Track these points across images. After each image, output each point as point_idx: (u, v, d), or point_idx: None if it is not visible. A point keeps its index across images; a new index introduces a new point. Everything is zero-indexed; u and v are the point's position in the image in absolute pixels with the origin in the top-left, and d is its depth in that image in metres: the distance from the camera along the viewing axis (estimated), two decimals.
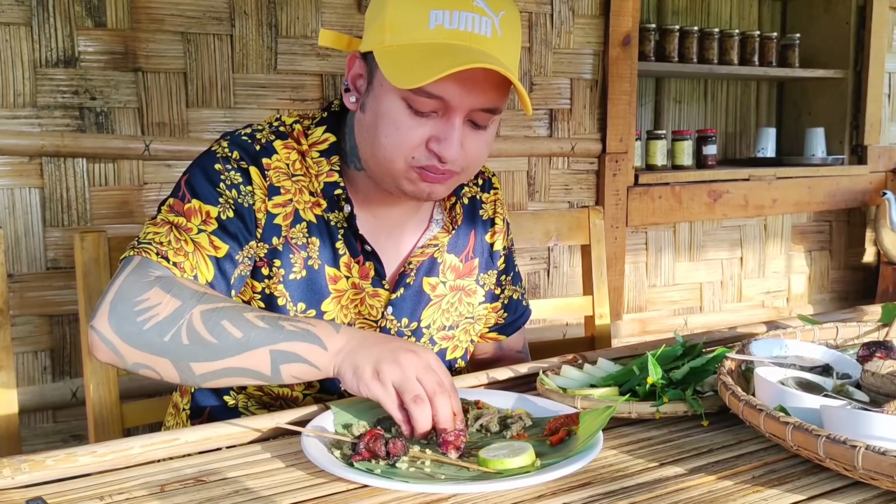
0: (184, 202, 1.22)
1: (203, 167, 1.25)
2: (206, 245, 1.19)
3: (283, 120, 1.34)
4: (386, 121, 1.19)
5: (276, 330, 1.08)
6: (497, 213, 1.51)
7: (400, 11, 1.17)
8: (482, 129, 1.23)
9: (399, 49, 1.16)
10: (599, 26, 3.10)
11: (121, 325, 1.09)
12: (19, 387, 2.13)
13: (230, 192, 1.23)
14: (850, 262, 4.08)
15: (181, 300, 1.09)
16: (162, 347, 1.08)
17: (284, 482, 0.97)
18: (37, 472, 0.97)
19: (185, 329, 1.08)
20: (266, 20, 2.47)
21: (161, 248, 1.16)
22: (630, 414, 1.15)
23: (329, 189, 1.29)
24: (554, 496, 0.94)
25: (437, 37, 1.15)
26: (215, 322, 1.08)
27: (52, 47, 2.19)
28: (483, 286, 1.48)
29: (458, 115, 1.18)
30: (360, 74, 1.25)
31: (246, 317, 1.09)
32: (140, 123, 2.32)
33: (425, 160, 1.20)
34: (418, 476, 0.97)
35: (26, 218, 2.19)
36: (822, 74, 3.84)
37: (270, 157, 1.28)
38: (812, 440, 0.92)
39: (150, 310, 1.09)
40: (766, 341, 1.28)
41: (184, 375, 1.10)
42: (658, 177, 3.34)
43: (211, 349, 1.08)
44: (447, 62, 1.11)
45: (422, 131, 1.19)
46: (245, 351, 1.07)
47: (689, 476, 1.00)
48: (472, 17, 1.16)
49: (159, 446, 1.04)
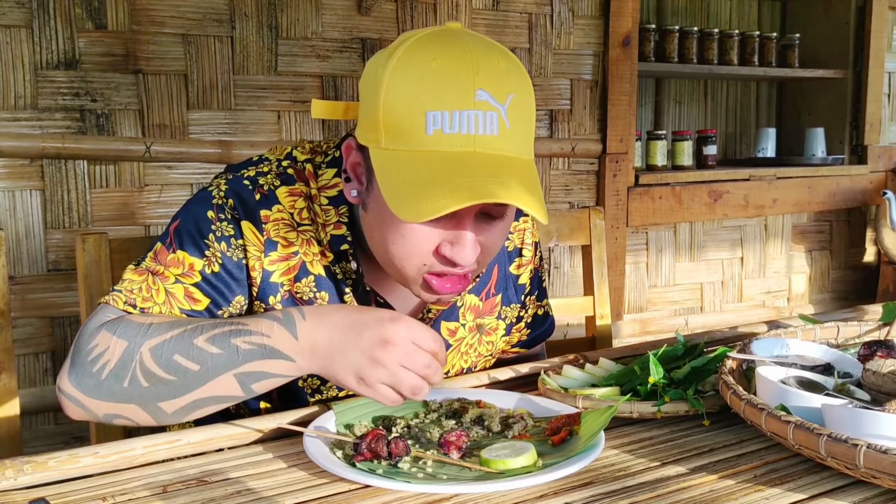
0: (168, 251, 1.15)
1: (194, 214, 1.17)
2: (180, 297, 1.13)
3: (294, 156, 1.23)
4: (392, 229, 1.07)
5: (231, 353, 1.03)
6: (525, 242, 1.40)
7: (393, 111, 1.02)
8: (498, 220, 1.10)
9: (395, 159, 1.03)
10: (599, 27, 3.11)
11: (80, 380, 1.05)
12: (21, 389, 2.13)
13: (218, 245, 1.15)
14: (851, 262, 4.08)
15: (127, 339, 1.04)
16: (125, 394, 1.04)
17: (287, 482, 0.97)
18: (39, 473, 0.97)
19: (139, 371, 1.03)
20: (266, 22, 2.47)
21: (130, 296, 1.11)
22: (631, 413, 1.15)
23: (336, 242, 1.19)
24: (556, 496, 0.94)
25: (436, 144, 1.00)
26: (167, 358, 1.03)
27: (52, 49, 2.19)
28: (504, 320, 1.38)
29: (469, 218, 1.06)
30: (360, 163, 1.12)
31: (196, 344, 1.03)
32: (141, 125, 2.32)
33: (439, 267, 1.09)
34: (420, 476, 0.97)
35: (27, 220, 2.20)
36: (821, 74, 3.84)
37: (271, 208, 1.18)
38: (814, 439, 0.92)
39: (101, 357, 1.04)
40: (768, 341, 1.28)
41: (157, 416, 1.06)
42: (658, 177, 3.34)
43: (172, 386, 1.03)
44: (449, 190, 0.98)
45: (430, 237, 1.06)
46: (208, 381, 1.03)
47: (691, 475, 1.00)
48: (474, 117, 1.00)
49: (161, 447, 1.04)
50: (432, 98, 1.00)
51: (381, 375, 1.00)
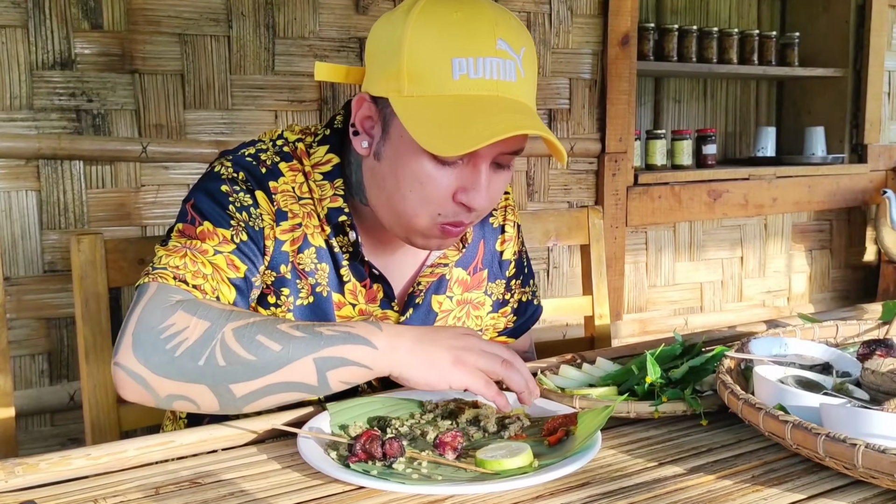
0: (195, 226, 1.15)
1: (208, 190, 1.18)
2: (224, 266, 1.14)
3: (285, 137, 1.27)
4: (409, 175, 1.13)
5: (316, 337, 1.04)
6: (507, 219, 1.46)
7: (418, 59, 1.09)
8: (505, 169, 1.18)
9: (422, 102, 1.09)
10: (598, 26, 3.10)
11: (149, 357, 1.03)
12: (16, 390, 2.13)
13: (240, 215, 1.17)
14: (851, 261, 4.07)
15: (209, 320, 1.04)
16: (197, 373, 1.02)
17: (280, 484, 0.97)
18: (30, 475, 0.96)
19: (219, 350, 1.02)
20: (263, 21, 2.46)
21: (178, 272, 1.10)
22: (629, 413, 1.14)
23: (333, 215, 1.23)
24: (552, 496, 0.93)
25: (462, 88, 1.08)
26: (250, 338, 1.03)
27: (48, 49, 2.18)
28: (491, 296, 1.43)
29: (486, 161, 1.13)
30: (370, 117, 1.17)
31: (280, 329, 1.04)
32: (137, 125, 2.31)
33: (453, 216, 1.15)
34: (415, 477, 0.97)
35: (23, 221, 2.19)
36: (821, 73, 3.83)
37: (277, 179, 1.22)
38: (812, 439, 0.91)
39: (179, 335, 1.03)
40: (766, 340, 1.27)
41: (223, 400, 1.04)
42: (658, 176, 3.33)
43: (250, 367, 1.02)
44: (482, 125, 1.05)
45: (448, 182, 1.13)
46: (287, 364, 1.02)
47: (688, 476, 0.99)
48: (496, 63, 1.09)
49: (154, 448, 1.03)
50: (457, 45, 1.08)
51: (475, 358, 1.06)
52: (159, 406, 1.07)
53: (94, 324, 1.46)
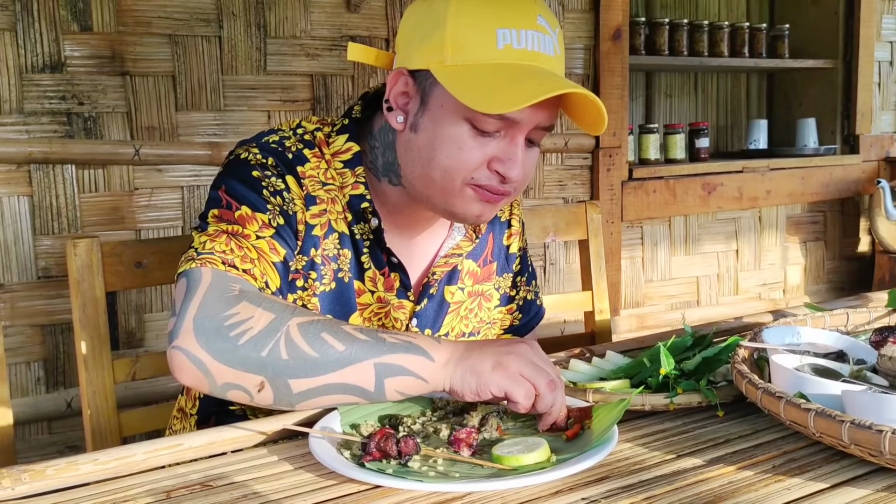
0: (232, 210, 1.14)
1: (240, 176, 1.18)
2: (267, 251, 1.13)
3: (304, 126, 1.27)
4: (447, 142, 1.15)
5: (379, 342, 1.03)
6: (513, 214, 1.47)
7: (463, 29, 1.12)
8: (535, 146, 1.21)
9: (467, 70, 1.12)
10: (589, 21, 3.09)
11: (211, 343, 1.01)
12: (13, 398, 2.09)
13: (275, 199, 1.17)
14: (846, 252, 4.07)
15: (274, 313, 1.03)
16: (259, 363, 1.01)
17: (294, 485, 0.94)
18: (37, 481, 0.94)
19: (283, 342, 1.01)
20: (254, 21, 2.44)
21: (226, 257, 1.09)
22: (644, 406, 1.12)
23: (355, 202, 1.24)
24: (571, 492, 0.91)
25: (506, 57, 1.12)
26: (314, 334, 1.02)
27: (37, 52, 2.15)
28: (499, 290, 1.44)
29: (523, 133, 1.15)
30: (406, 92, 1.19)
31: (345, 329, 1.03)
32: (129, 128, 2.29)
33: (485, 180, 1.16)
34: (432, 475, 0.95)
35: (16, 226, 2.16)
36: (811, 65, 3.84)
37: (304, 165, 1.22)
38: (836, 426, 0.90)
39: (243, 323, 1.02)
40: (778, 329, 1.26)
41: (278, 395, 1.03)
42: (652, 171, 3.32)
43: (312, 363, 1.01)
44: (534, 86, 1.08)
45: (484, 151, 1.15)
46: (348, 365, 1.01)
47: (708, 467, 0.97)
48: (537, 37, 1.13)
49: (163, 452, 1.00)
50: (501, 17, 1.12)
51: (521, 367, 1.03)
52: (213, 393, 1.05)
53: (92, 329, 1.44)
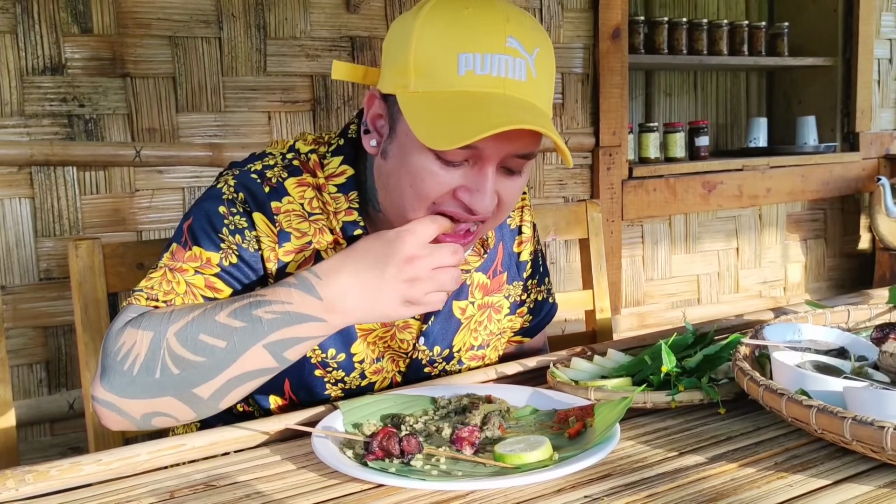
0: (185, 249, 1.15)
1: (206, 211, 1.17)
2: (201, 286, 1.13)
3: (297, 149, 1.23)
4: (412, 172, 1.09)
5: (256, 324, 1.02)
6: (524, 220, 1.42)
7: (425, 54, 1.06)
8: (517, 175, 1.13)
9: (426, 98, 1.06)
10: (589, 20, 3.09)
11: (112, 382, 1.03)
12: (15, 400, 2.10)
13: (233, 238, 1.15)
14: (846, 250, 4.07)
15: (152, 329, 1.04)
16: (158, 386, 1.02)
17: (297, 484, 0.95)
18: (41, 482, 0.94)
19: (168, 359, 1.02)
20: (254, 22, 2.44)
21: (151, 293, 1.11)
22: (645, 404, 1.12)
23: (349, 228, 1.19)
24: (573, 490, 0.92)
25: (467, 84, 1.04)
26: (193, 339, 1.02)
27: (38, 55, 2.15)
28: (509, 298, 1.39)
29: (492, 163, 1.08)
30: (381, 115, 1.14)
31: (218, 321, 1.03)
32: (130, 130, 2.29)
33: (451, 207, 1.10)
34: (434, 474, 0.95)
35: (17, 229, 2.16)
36: (811, 63, 3.84)
37: (281, 199, 1.18)
38: (838, 423, 0.90)
39: (130, 353, 1.03)
40: (779, 326, 1.26)
41: (195, 406, 1.04)
42: (652, 169, 3.32)
43: (205, 368, 1.02)
44: (480, 120, 1.01)
45: (450, 180, 1.08)
46: (238, 357, 1.02)
47: (711, 464, 0.98)
48: (504, 61, 1.05)
49: (166, 452, 1.01)
50: (465, 40, 1.05)
51: (425, 287, 1.04)
52: (141, 428, 1.07)
53: (94, 330, 1.44)
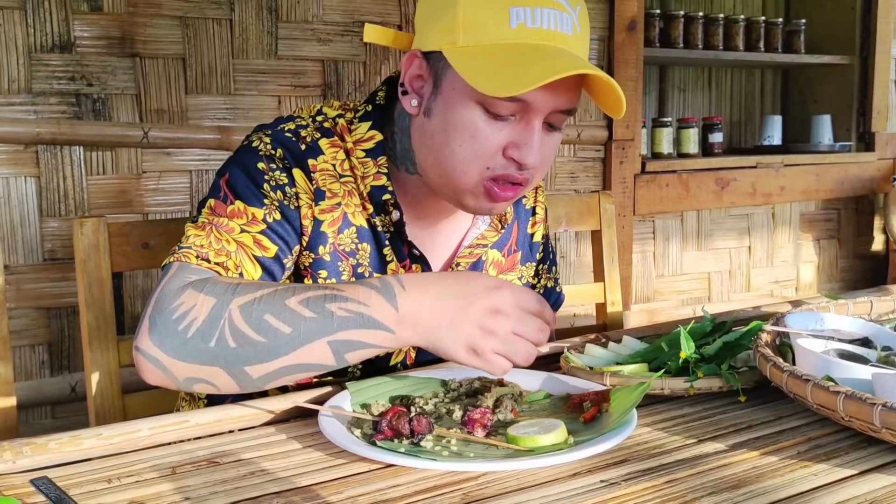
0: (226, 204, 1.12)
1: (244, 165, 1.15)
2: (250, 244, 1.11)
3: (325, 113, 1.24)
4: (460, 128, 1.10)
5: (326, 319, 0.98)
6: (538, 201, 1.43)
7: (475, 9, 1.06)
8: (556, 131, 1.14)
9: (477, 51, 1.06)
10: (604, 11, 3.05)
11: (163, 340, 0.99)
12: (16, 381, 2.07)
13: (275, 194, 1.14)
14: (859, 251, 4.02)
15: (216, 296, 1.00)
16: (210, 355, 0.99)
17: (302, 463, 0.92)
18: (39, 455, 0.91)
19: (227, 331, 0.98)
20: (266, 4, 2.41)
21: (201, 251, 1.08)
22: (662, 390, 1.09)
23: (377, 193, 1.19)
24: (590, 474, 0.88)
25: (519, 37, 1.06)
26: (258, 318, 0.98)
27: (47, 32, 2.12)
28: (522, 279, 1.40)
29: (539, 117, 1.09)
30: (420, 75, 1.14)
31: (288, 305, 0.99)
32: (138, 110, 2.26)
33: (501, 169, 1.11)
34: (445, 454, 0.92)
35: (22, 208, 2.13)
36: (828, 60, 3.79)
37: (317, 157, 1.18)
38: (867, 409, 0.86)
39: (188, 315, 0.99)
40: (801, 315, 1.22)
41: (241, 382, 1.00)
42: (665, 164, 3.28)
43: (263, 349, 0.98)
44: (543, 67, 1.02)
45: (499, 137, 1.09)
46: (300, 347, 0.98)
47: (731, 452, 0.94)
48: (553, 14, 1.07)
49: (169, 428, 0.98)
50: None
51: (494, 345, 0.99)
52: (181, 389, 1.03)
53: (98, 310, 1.41)
